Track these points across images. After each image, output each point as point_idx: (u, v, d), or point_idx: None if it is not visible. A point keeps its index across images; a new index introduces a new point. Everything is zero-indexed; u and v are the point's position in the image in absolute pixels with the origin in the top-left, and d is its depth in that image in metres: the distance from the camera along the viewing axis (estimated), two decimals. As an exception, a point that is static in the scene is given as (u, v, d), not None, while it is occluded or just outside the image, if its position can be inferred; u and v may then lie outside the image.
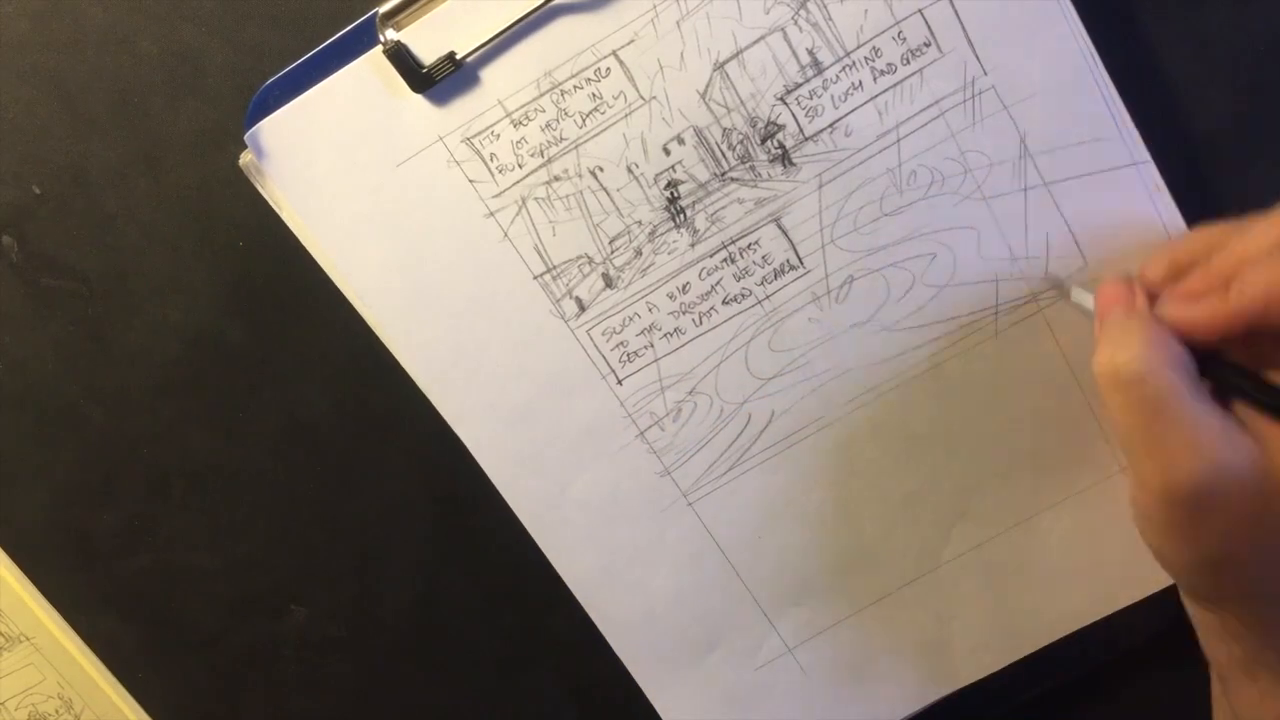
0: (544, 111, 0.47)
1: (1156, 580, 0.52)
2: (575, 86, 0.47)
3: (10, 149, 0.51)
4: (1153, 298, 0.43)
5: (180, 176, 0.51)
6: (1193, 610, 0.45)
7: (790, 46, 0.47)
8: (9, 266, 0.53)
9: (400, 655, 0.58)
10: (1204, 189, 0.50)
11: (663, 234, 0.49)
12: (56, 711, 0.61)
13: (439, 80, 0.47)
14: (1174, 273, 0.43)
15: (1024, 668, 0.54)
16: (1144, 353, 0.40)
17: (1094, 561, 0.53)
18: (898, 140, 0.48)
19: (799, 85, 0.47)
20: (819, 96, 0.48)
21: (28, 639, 0.59)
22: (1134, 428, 0.40)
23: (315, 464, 0.56)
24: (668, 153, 0.48)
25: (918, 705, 0.55)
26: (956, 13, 0.47)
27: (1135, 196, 0.48)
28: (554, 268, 0.49)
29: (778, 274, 0.50)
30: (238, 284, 0.53)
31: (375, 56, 0.46)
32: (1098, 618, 0.53)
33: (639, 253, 0.49)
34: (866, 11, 0.46)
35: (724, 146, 0.48)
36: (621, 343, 0.51)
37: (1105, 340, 0.41)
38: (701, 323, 0.50)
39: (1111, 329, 0.42)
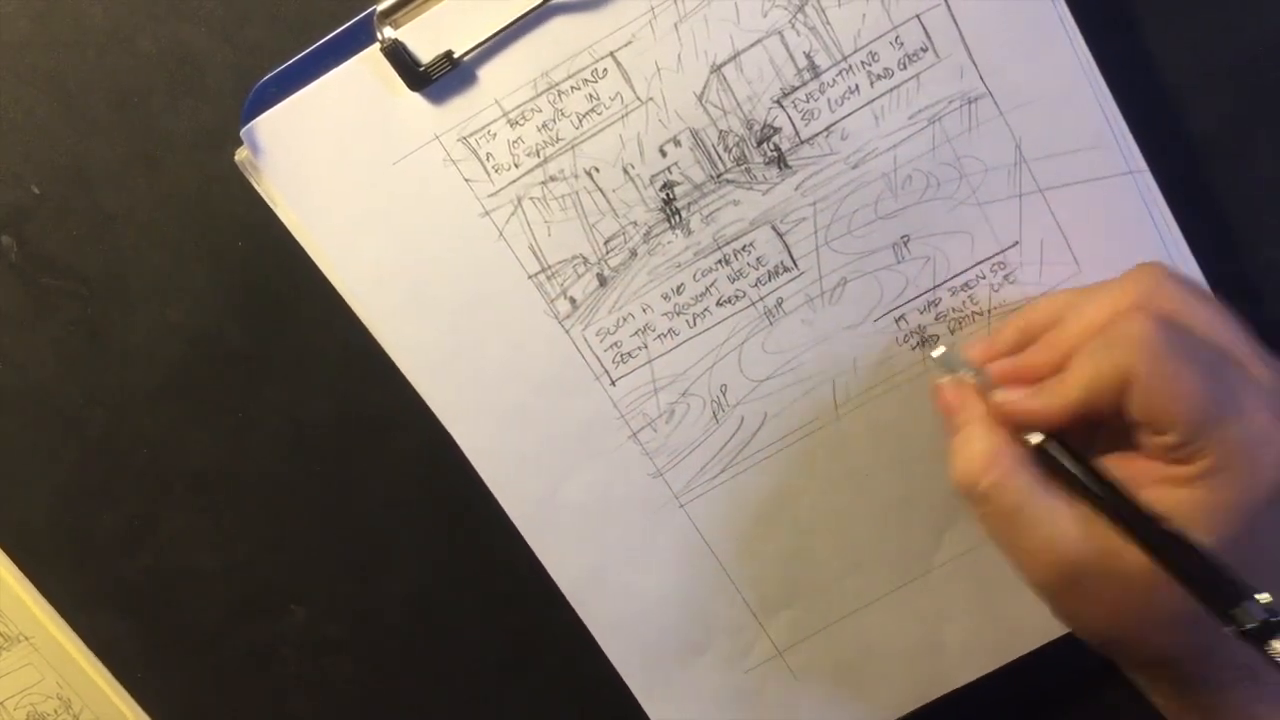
0: (541, 111, 0.47)
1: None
2: (572, 87, 0.47)
3: (10, 149, 0.51)
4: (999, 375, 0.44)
5: (180, 176, 0.51)
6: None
7: (787, 50, 0.47)
8: (9, 266, 0.53)
9: (400, 655, 0.58)
10: (1201, 192, 0.50)
11: (658, 235, 0.49)
12: (55, 711, 0.61)
13: (436, 79, 0.47)
14: (1023, 340, 0.45)
15: (1016, 670, 0.54)
16: (990, 468, 0.42)
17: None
18: (893, 144, 0.48)
19: (796, 89, 0.47)
20: (815, 100, 0.48)
21: (27, 639, 0.59)
22: (995, 533, 0.43)
23: (315, 464, 0.56)
24: (664, 154, 0.48)
25: (908, 708, 0.55)
26: (954, 18, 0.47)
27: (1131, 205, 0.48)
28: (549, 268, 0.50)
29: (772, 275, 0.50)
30: (238, 284, 0.53)
31: (372, 54, 0.46)
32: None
33: (634, 254, 0.49)
34: (864, 16, 0.47)
35: (720, 149, 0.48)
36: (615, 343, 0.51)
37: (954, 454, 0.44)
38: (695, 324, 0.50)
39: (958, 443, 0.44)
